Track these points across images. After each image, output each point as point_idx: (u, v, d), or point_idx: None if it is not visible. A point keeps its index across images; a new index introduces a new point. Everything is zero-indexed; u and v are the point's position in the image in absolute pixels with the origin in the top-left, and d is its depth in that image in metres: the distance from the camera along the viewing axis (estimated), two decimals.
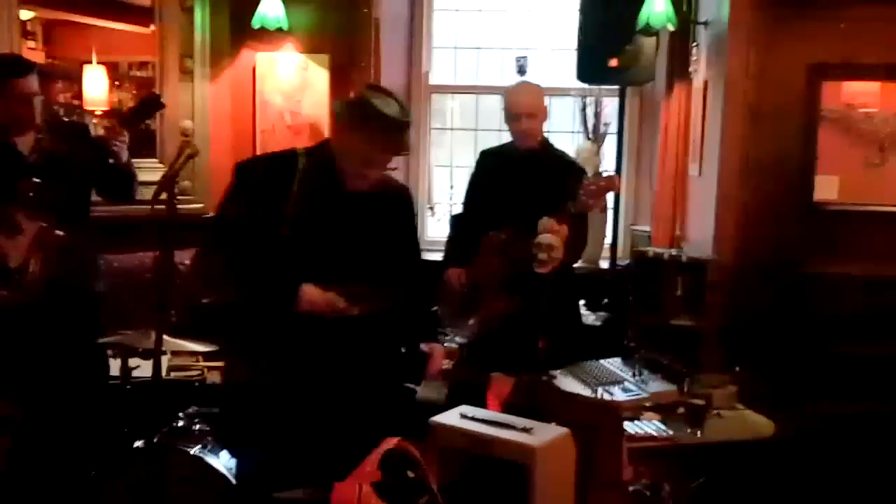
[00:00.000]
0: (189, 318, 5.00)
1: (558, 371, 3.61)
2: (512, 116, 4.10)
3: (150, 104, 3.56)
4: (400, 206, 3.17)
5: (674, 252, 4.73)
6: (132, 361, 3.96)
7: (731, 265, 4.74)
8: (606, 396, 3.38)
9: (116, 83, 5.85)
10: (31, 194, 3.69)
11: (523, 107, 4.07)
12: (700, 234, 5.11)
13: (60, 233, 3.72)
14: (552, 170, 4.02)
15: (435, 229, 6.40)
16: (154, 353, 2.98)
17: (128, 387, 3.86)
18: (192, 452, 3.54)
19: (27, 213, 3.68)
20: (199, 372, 4.29)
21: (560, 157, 4.26)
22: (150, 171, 5.18)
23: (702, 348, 4.48)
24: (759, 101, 4.75)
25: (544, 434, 2.47)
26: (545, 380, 3.26)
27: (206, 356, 4.19)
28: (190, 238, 5.03)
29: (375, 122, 2.83)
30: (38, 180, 3.71)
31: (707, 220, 4.91)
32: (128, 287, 4.71)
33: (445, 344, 4.38)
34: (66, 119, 5.38)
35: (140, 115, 3.65)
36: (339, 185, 2.93)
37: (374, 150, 2.87)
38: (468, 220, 4.39)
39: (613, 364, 3.77)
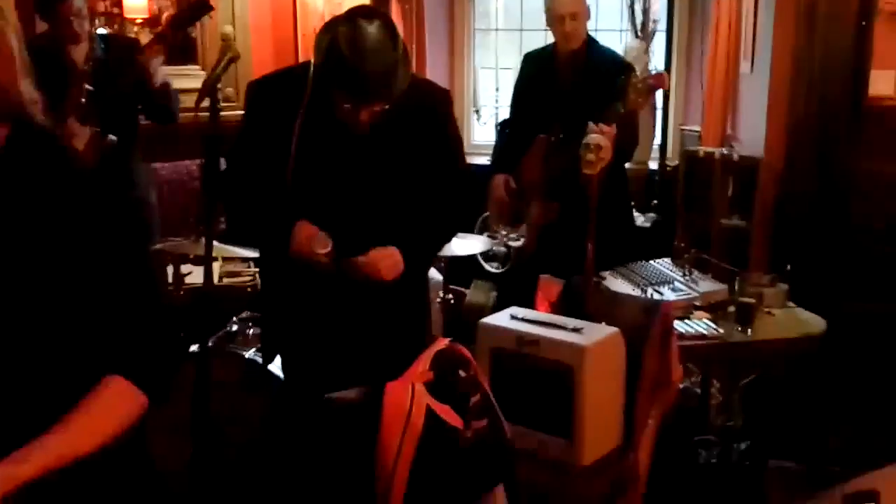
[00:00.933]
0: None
1: (607, 272, 3.59)
2: (554, 18, 4.02)
3: (199, 7, 3.49)
4: (431, 120, 2.71)
5: (725, 151, 4.65)
6: (184, 268, 4.01)
7: (783, 164, 4.65)
8: (656, 296, 3.36)
9: None
10: (83, 101, 3.73)
11: (566, 6, 3.98)
12: (751, 133, 5.01)
13: (113, 137, 3.75)
14: (598, 69, 3.93)
15: (481, 133, 6.34)
16: (205, 260, 2.99)
17: (180, 293, 3.92)
18: (245, 356, 3.60)
19: (80, 119, 3.72)
20: (250, 277, 4.34)
21: (606, 55, 4.16)
22: (192, 78, 5.18)
23: (751, 248, 4.45)
24: None
25: (594, 334, 2.47)
26: (594, 281, 3.25)
27: (258, 261, 4.22)
28: None
29: (336, 66, 2.43)
30: (90, 87, 3.75)
31: (759, 118, 4.80)
32: (176, 195, 4.76)
33: (494, 248, 4.39)
34: (118, 35, 5.35)
35: (188, 18, 3.59)
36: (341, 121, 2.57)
37: (339, 97, 2.48)
38: (515, 126, 4.33)
39: (663, 264, 3.74)
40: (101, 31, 5.31)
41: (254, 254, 3.86)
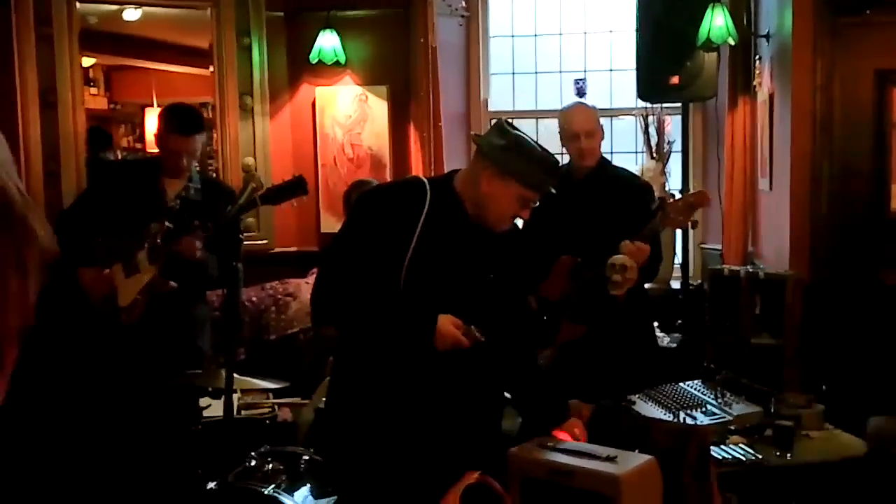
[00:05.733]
0: (258, 354, 5.00)
1: (637, 395, 3.50)
2: (571, 137, 4.04)
3: (295, 186, 3.29)
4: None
5: (750, 269, 4.60)
6: (202, 401, 3.92)
7: (809, 280, 4.59)
8: (689, 421, 3.26)
9: None
10: (158, 239, 3.65)
11: (582, 126, 4.01)
12: (774, 249, 4.97)
13: (173, 284, 3.69)
14: (614, 189, 3.94)
15: None
16: (225, 392, 2.93)
17: (198, 427, 3.83)
18: (265, 492, 3.48)
19: (149, 254, 3.65)
20: (269, 409, 4.24)
21: (621, 175, 4.18)
22: None
23: (784, 367, 4.35)
24: (827, 111, 4.62)
25: (629, 462, 2.38)
26: (625, 405, 3.16)
27: (277, 393, 4.14)
28: (257, 274, 5.05)
29: (537, 164, 2.73)
30: (169, 225, 3.67)
31: (781, 235, 4.77)
32: None
33: None
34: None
35: (282, 195, 3.33)
36: (468, 228, 2.76)
37: (529, 194, 2.74)
38: (531, 247, 4.31)
39: (693, 386, 3.64)
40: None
41: (274, 385, 3.79)
